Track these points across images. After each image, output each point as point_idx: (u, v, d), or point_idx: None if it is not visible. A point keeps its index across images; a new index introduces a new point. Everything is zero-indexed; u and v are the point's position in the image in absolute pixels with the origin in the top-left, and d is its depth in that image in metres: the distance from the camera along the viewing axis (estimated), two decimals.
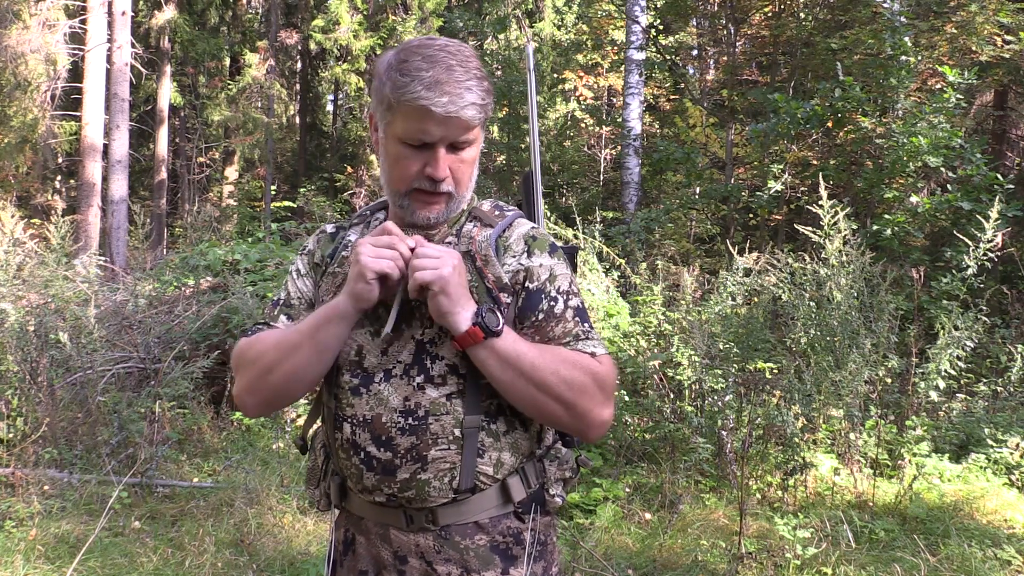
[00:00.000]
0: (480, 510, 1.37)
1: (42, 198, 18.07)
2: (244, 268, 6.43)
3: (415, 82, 1.28)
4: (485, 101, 1.33)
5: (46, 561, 3.40)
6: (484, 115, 1.34)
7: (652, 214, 8.72)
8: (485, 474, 1.36)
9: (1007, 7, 7.28)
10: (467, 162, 1.36)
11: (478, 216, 1.42)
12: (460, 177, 1.36)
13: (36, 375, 4.56)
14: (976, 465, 4.45)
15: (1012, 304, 6.22)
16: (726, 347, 4.73)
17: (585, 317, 1.37)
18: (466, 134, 1.32)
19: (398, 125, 1.32)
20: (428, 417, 1.32)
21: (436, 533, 1.37)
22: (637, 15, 9.89)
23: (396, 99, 1.31)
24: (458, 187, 1.36)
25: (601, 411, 1.33)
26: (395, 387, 1.34)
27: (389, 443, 1.33)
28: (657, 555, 3.59)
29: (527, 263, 1.36)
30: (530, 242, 1.39)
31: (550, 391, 1.29)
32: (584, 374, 1.31)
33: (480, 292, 1.32)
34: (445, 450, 1.33)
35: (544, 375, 1.28)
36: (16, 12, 12.67)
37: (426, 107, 1.28)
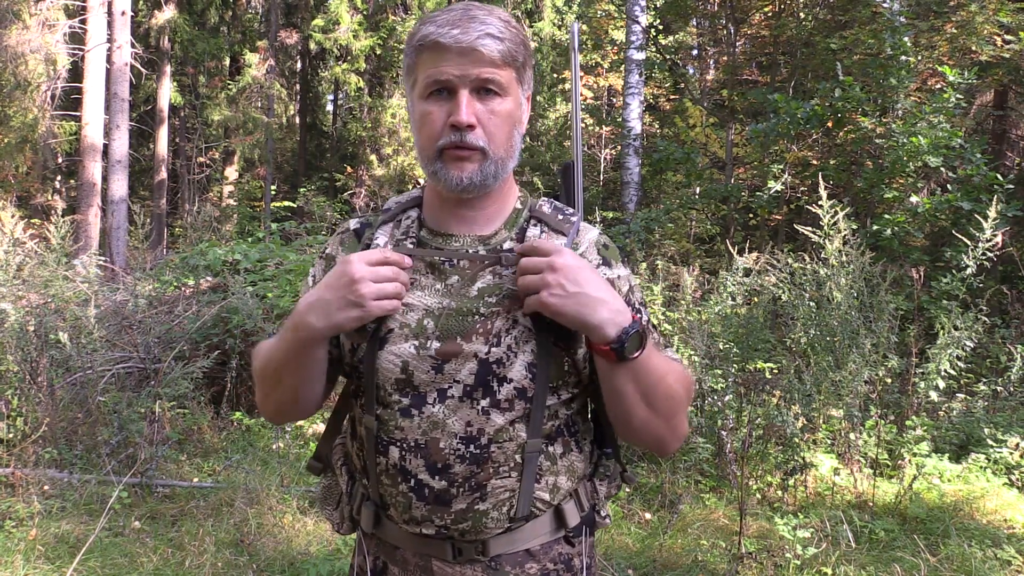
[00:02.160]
0: (532, 537, 1.26)
1: (42, 198, 18.07)
2: (244, 268, 6.43)
3: (429, 25, 1.18)
4: (509, 37, 1.18)
5: (46, 561, 3.40)
6: (509, 54, 1.18)
7: (652, 214, 8.72)
8: (542, 500, 1.25)
9: (1007, 7, 7.29)
10: (498, 114, 1.19)
11: (542, 219, 1.26)
12: (493, 131, 1.19)
13: (36, 375, 4.56)
14: (976, 465, 4.45)
15: (1012, 304, 6.22)
16: (726, 347, 4.73)
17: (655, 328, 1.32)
18: (489, 72, 1.16)
19: (419, 82, 1.20)
20: (491, 445, 1.19)
21: (485, 564, 1.24)
22: (637, 15, 9.89)
23: (413, 53, 1.20)
24: (492, 143, 1.19)
25: (686, 425, 1.28)
26: (453, 410, 1.19)
27: (446, 471, 1.19)
28: (657, 555, 3.59)
29: (608, 274, 1.24)
30: (603, 251, 1.28)
31: (658, 406, 1.20)
32: (683, 387, 1.24)
33: None
34: (506, 478, 1.21)
35: (661, 389, 1.20)
36: (16, 12, 12.68)
37: (435, 40, 1.16)
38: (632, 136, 9.92)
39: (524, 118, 1.27)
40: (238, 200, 18.26)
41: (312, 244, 7.20)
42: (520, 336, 1.19)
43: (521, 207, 1.29)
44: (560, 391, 1.23)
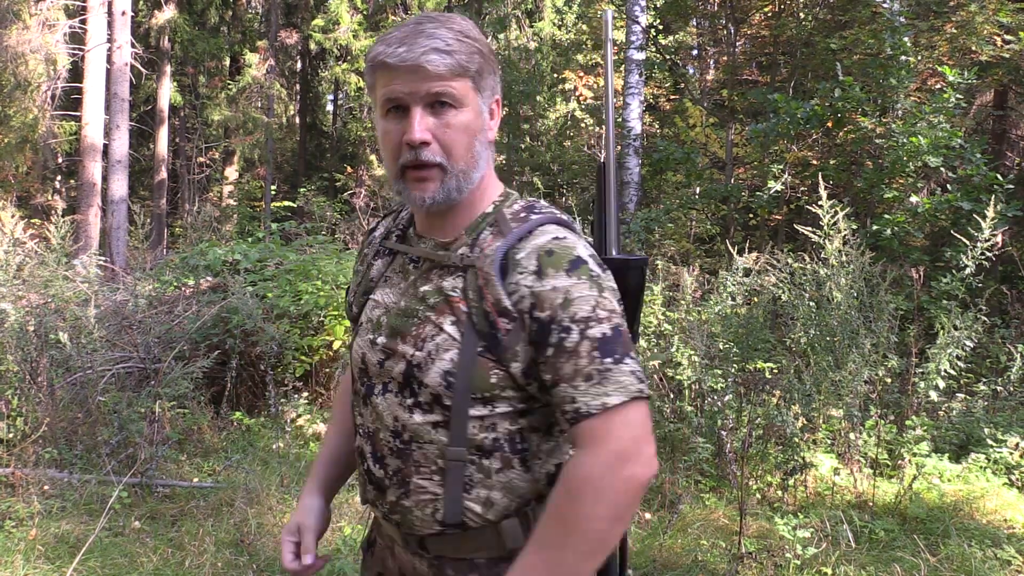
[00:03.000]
0: (475, 549, 1.24)
1: (42, 198, 18.07)
2: (244, 268, 6.43)
3: (380, 44, 1.21)
4: (458, 49, 1.18)
5: (46, 561, 3.40)
6: (459, 66, 1.18)
7: (652, 214, 8.72)
8: (473, 512, 1.22)
9: (1007, 7, 7.29)
10: (454, 127, 1.19)
11: (499, 221, 1.24)
12: (449, 145, 1.19)
13: (36, 375, 4.56)
14: (976, 465, 4.45)
15: (1012, 304, 6.22)
16: (726, 347, 4.73)
17: (611, 349, 1.12)
18: (439, 86, 1.17)
19: (377, 101, 1.23)
20: (412, 443, 1.22)
21: (430, 560, 1.27)
22: (637, 15, 9.89)
23: (369, 73, 1.23)
24: (449, 157, 1.19)
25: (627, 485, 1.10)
26: (389, 404, 1.25)
27: (382, 461, 1.26)
28: (657, 555, 3.59)
29: (537, 287, 1.15)
30: (543, 259, 1.16)
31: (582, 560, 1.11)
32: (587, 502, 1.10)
33: (478, 316, 1.17)
34: (427, 479, 1.22)
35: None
36: (16, 12, 12.68)
37: (383, 61, 1.18)
38: (632, 136, 9.91)
39: (489, 125, 1.26)
40: (238, 200, 18.27)
41: (312, 244, 7.20)
42: (442, 344, 1.19)
43: (491, 211, 1.26)
44: (495, 403, 1.19)
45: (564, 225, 1.24)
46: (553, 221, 1.23)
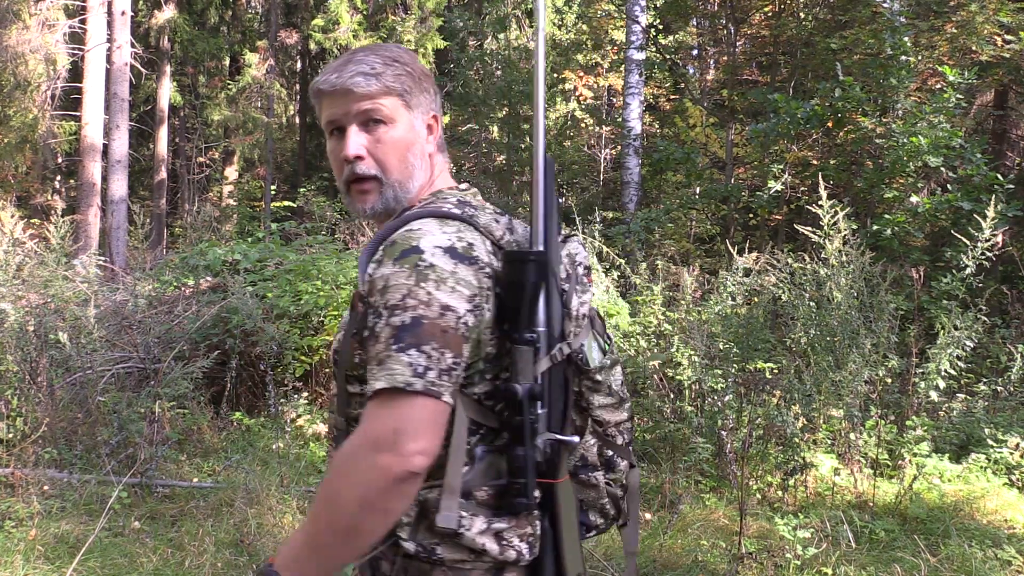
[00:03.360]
0: None
1: (42, 198, 18.06)
2: (244, 268, 6.42)
3: (319, 76, 1.35)
4: (384, 71, 1.30)
5: (46, 561, 3.40)
6: (385, 86, 1.30)
7: (652, 214, 8.72)
8: None
9: (1007, 7, 7.29)
10: (385, 143, 1.31)
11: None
12: (382, 159, 1.32)
13: (36, 375, 4.56)
14: (976, 465, 4.45)
15: (1012, 304, 6.22)
16: (726, 347, 4.73)
17: (401, 337, 1.14)
18: (368, 104, 1.30)
19: (323, 125, 1.37)
20: (332, 415, 1.38)
21: None
22: (637, 15, 9.89)
23: (314, 102, 1.37)
24: (384, 170, 1.32)
25: (376, 473, 1.11)
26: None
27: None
28: (657, 555, 3.59)
29: (374, 274, 1.21)
30: (386, 248, 1.23)
31: (329, 539, 1.15)
32: (339, 476, 1.14)
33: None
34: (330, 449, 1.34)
35: (321, 538, 1.15)
36: (16, 12, 12.67)
37: (318, 89, 1.33)
38: (632, 136, 9.91)
39: (423, 138, 1.36)
40: (238, 200, 18.26)
41: (312, 244, 7.19)
42: (341, 327, 1.32)
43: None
44: (363, 382, 1.23)
45: (446, 218, 1.27)
46: (432, 215, 1.27)
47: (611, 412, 1.42)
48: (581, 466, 1.40)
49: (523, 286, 1.24)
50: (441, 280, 1.18)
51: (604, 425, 1.41)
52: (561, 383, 1.32)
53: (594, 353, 1.38)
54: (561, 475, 1.32)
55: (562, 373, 1.32)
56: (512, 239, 1.33)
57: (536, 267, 1.25)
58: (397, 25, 14.42)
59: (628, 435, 1.46)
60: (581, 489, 1.41)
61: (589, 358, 1.37)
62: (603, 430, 1.42)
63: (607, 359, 1.41)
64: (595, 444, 1.41)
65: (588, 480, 1.41)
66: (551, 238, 1.31)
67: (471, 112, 13.20)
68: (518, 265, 1.25)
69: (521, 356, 1.24)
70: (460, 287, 1.19)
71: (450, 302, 1.17)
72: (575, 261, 1.40)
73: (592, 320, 1.40)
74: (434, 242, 1.21)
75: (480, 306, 1.22)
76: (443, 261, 1.19)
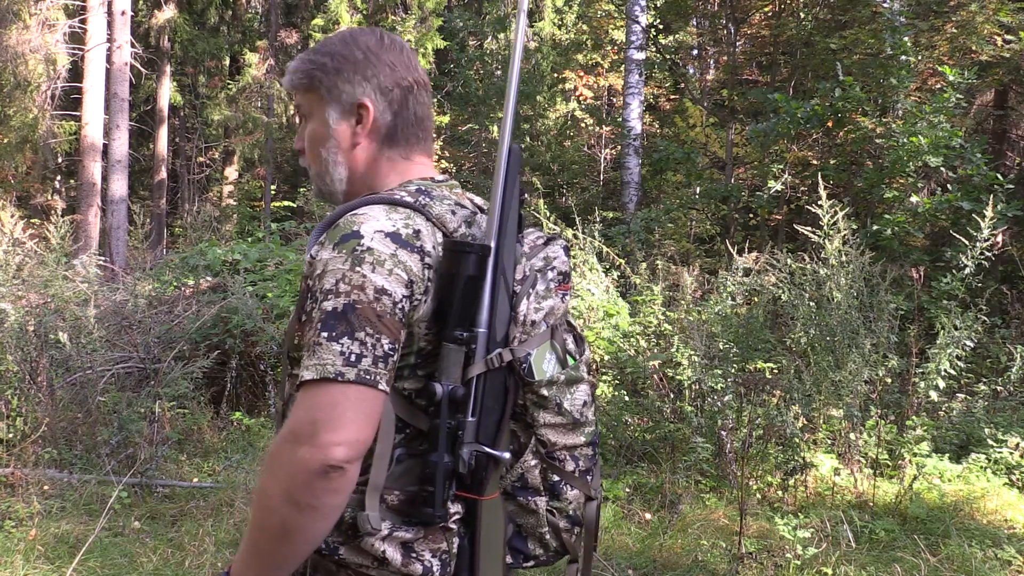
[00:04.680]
0: None
1: (42, 198, 18.05)
2: (244, 268, 6.42)
3: None
4: (301, 68, 1.33)
5: (46, 561, 3.40)
6: (298, 83, 1.33)
7: (652, 214, 8.72)
8: None
9: (1007, 7, 7.28)
10: (307, 136, 1.35)
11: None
12: (307, 152, 1.36)
13: (36, 375, 4.56)
14: (976, 465, 4.45)
15: (1012, 304, 6.21)
16: (726, 347, 4.73)
17: (331, 325, 1.10)
18: (297, 101, 1.36)
19: None
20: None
21: None
22: (637, 15, 9.89)
23: None
24: (310, 162, 1.36)
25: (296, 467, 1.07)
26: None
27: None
28: (657, 555, 3.59)
29: (316, 256, 1.18)
30: (330, 232, 1.19)
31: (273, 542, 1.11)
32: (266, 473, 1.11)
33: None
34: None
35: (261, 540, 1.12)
36: (16, 12, 12.66)
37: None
38: (632, 136, 9.91)
39: (343, 130, 1.32)
40: (238, 200, 18.25)
41: None
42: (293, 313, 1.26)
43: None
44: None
45: (397, 204, 1.22)
46: (382, 201, 1.23)
47: (560, 433, 1.28)
48: (520, 487, 1.27)
49: (458, 279, 1.17)
50: (378, 263, 1.13)
51: (550, 446, 1.27)
52: (500, 393, 1.22)
53: (545, 365, 1.25)
54: (488, 492, 1.22)
55: (502, 382, 1.22)
56: (468, 232, 1.24)
57: (477, 260, 1.18)
58: (397, 25, 14.41)
59: (586, 462, 1.32)
60: (521, 513, 1.29)
61: (536, 369, 1.24)
62: (547, 451, 1.27)
63: (563, 375, 1.27)
64: (537, 465, 1.27)
65: (527, 504, 1.28)
66: (505, 233, 1.23)
67: (471, 112, 13.20)
68: (457, 256, 1.18)
69: (448, 355, 1.17)
70: (398, 271, 1.14)
71: (386, 286, 1.12)
72: (550, 264, 1.30)
73: (554, 329, 1.28)
74: (376, 227, 1.16)
75: (417, 294, 1.16)
76: (382, 245, 1.14)
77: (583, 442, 1.30)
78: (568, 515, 1.30)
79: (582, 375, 1.32)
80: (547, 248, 1.33)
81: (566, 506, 1.30)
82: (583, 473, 1.31)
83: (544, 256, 1.31)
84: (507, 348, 1.21)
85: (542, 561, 1.33)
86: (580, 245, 6.06)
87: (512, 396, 1.24)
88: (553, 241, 1.35)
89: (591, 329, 5.28)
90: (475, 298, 1.19)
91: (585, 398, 1.31)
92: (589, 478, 1.32)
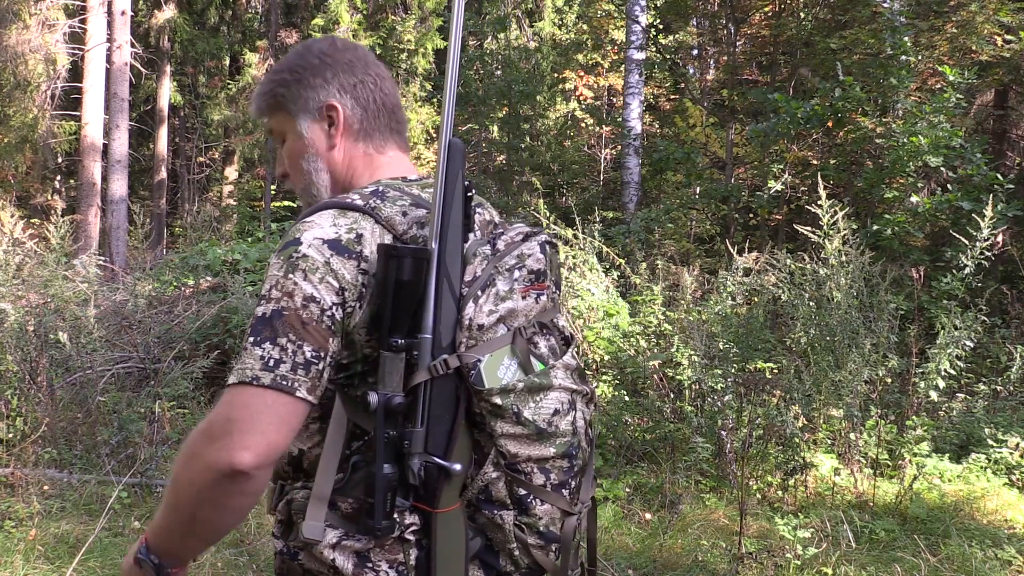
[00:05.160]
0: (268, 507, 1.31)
1: (42, 198, 18.05)
2: (244, 268, 6.43)
3: None
4: (263, 90, 1.36)
5: (46, 561, 3.40)
6: (263, 105, 1.37)
7: (652, 214, 8.71)
8: None
9: (1007, 7, 7.28)
10: (285, 158, 1.39)
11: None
12: (289, 171, 1.39)
13: (36, 375, 4.56)
14: (976, 465, 4.45)
15: (1012, 304, 6.21)
16: (726, 347, 4.72)
17: (257, 330, 1.10)
18: (268, 126, 1.40)
19: None
20: None
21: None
22: (637, 15, 9.89)
23: None
24: (293, 181, 1.39)
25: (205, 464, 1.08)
26: None
27: None
28: (657, 555, 3.59)
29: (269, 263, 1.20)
30: (282, 239, 1.22)
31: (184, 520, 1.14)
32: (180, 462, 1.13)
33: None
34: None
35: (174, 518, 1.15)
36: (16, 12, 12.66)
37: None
38: (632, 136, 9.91)
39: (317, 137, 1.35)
40: (238, 200, 18.26)
41: None
42: None
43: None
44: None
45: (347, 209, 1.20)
46: (333, 205, 1.22)
47: (522, 445, 1.18)
48: (484, 500, 1.19)
49: (389, 284, 1.13)
50: (310, 270, 1.12)
51: (510, 458, 1.18)
52: (450, 401, 1.15)
53: (501, 371, 1.17)
54: (443, 504, 1.16)
55: (452, 389, 1.15)
56: (419, 234, 1.20)
57: (412, 264, 1.13)
58: (397, 25, 14.42)
59: (561, 475, 1.22)
60: (491, 527, 1.21)
61: (486, 376, 1.16)
62: (507, 463, 1.18)
63: (522, 382, 1.18)
64: (500, 478, 1.19)
65: (492, 518, 1.20)
66: (447, 233, 1.17)
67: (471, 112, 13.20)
68: (389, 260, 1.13)
69: (385, 363, 1.13)
70: (329, 278, 1.12)
71: (315, 293, 1.11)
72: (522, 262, 1.23)
73: (518, 333, 1.20)
74: (316, 234, 1.16)
75: (350, 301, 1.14)
76: (317, 252, 1.13)
77: (553, 454, 1.21)
78: (538, 531, 1.21)
79: (551, 382, 1.22)
80: (523, 245, 1.25)
81: (535, 521, 1.20)
82: (557, 487, 1.22)
83: (518, 254, 1.24)
84: (453, 355, 1.15)
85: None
86: (580, 245, 6.06)
87: (462, 405, 1.17)
88: (532, 237, 1.27)
89: (591, 329, 5.28)
90: (416, 303, 1.15)
91: (556, 407, 1.21)
92: (565, 492, 1.23)
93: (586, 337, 5.22)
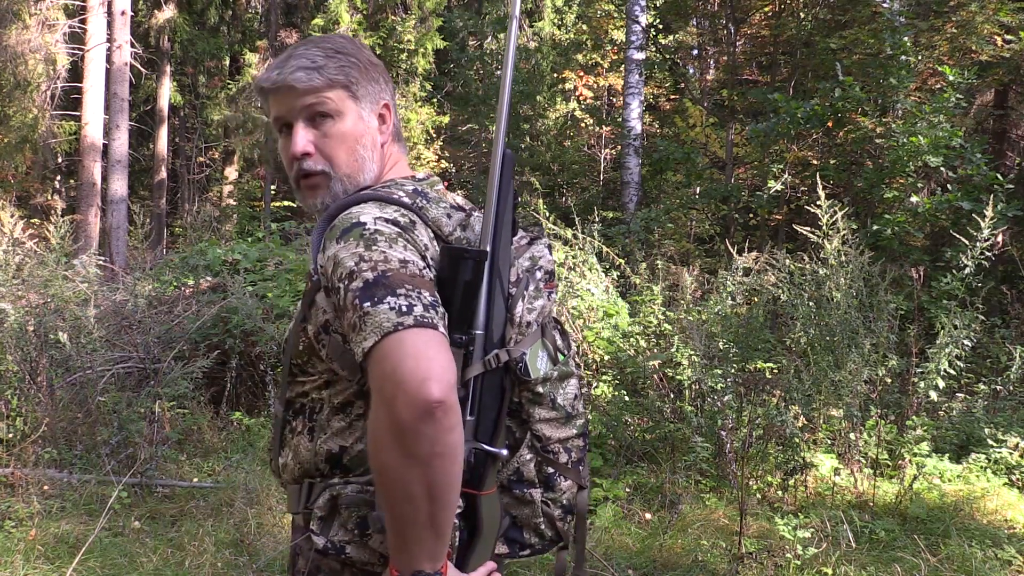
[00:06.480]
0: (291, 508, 1.31)
1: (42, 198, 18.05)
2: (244, 268, 6.42)
3: (261, 74, 1.35)
4: (325, 64, 1.28)
5: (46, 561, 3.40)
6: (324, 78, 1.28)
7: (652, 214, 8.72)
8: (283, 468, 1.31)
9: (1007, 7, 7.28)
10: (332, 136, 1.30)
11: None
12: (330, 153, 1.30)
13: (36, 375, 4.56)
14: (976, 465, 4.45)
15: (1012, 304, 6.22)
16: (726, 347, 4.73)
17: (369, 294, 1.09)
18: (311, 99, 1.28)
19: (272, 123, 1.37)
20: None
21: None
22: (637, 15, 9.89)
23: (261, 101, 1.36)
24: (332, 164, 1.30)
25: (401, 419, 1.03)
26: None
27: None
28: (657, 555, 3.59)
29: (323, 260, 1.20)
30: (327, 234, 1.22)
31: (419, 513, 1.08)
32: (377, 455, 1.07)
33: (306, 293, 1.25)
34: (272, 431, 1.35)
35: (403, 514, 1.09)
36: (16, 12, 12.66)
37: (261, 87, 1.32)
38: (632, 136, 9.91)
39: (374, 128, 1.35)
40: (238, 200, 18.26)
41: None
42: (295, 316, 1.29)
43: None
44: (306, 369, 1.26)
45: (382, 201, 1.23)
46: (376, 199, 1.25)
47: (554, 428, 1.31)
48: (516, 481, 1.29)
49: (456, 284, 1.19)
50: (392, 240, 1.15)
51: (545, 441, 1.30)
52: (496, 391, 1.24)
53: (539, 363, 1.28)
54: (487, 487, 1.23)
55: (498, 381, 1.24)
56: (463, 236, 1.27)
57: (474, 266, 1.19)
58: (397, 25, 14.42)
59: (578, 453, 1.35)
60: (516, 505, 1.30)
61: (531, 368, 1.26)
62: (542, 445, 1.30)
63: (555, 371, 1.30)
64: (532, 459, 1.30)
65: (523, 496, 1.29)
66: (500, 238, 1.25)
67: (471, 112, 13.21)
68: (456, 261, 1.19)
69: None
70: (410, 245, 1.17)
71: (405, 256, 1.14)
72: (536, 264, 1.33)
73: (544, 328, 1.30)
74: (376, 214, 1.19)
75: (431, 267, 1.18)
76: (386, 227, 1.17)
77: (575, 434, 1.34)
78: (562, 504, 1.34)
79: (571, 370, 1.36)
80: (532, 248, 1.35)
81: (560, 496, 1.33)
82: (575, 464, 1.34)
83: (530, 256, 1.33)
84: (503, 349, 1.23)
85: (537, 550, 1.35)
86: (580, 245, 6.06)
87: (508, 394, 1.26)
88: (537, 240, 1.36)
89: (591, 329, 5.28)
90: (472, 301, 1.21)
91: (575, 392, 1.35)
92: (581, 468, 1.36)
93: (586, 337, 5.22)
